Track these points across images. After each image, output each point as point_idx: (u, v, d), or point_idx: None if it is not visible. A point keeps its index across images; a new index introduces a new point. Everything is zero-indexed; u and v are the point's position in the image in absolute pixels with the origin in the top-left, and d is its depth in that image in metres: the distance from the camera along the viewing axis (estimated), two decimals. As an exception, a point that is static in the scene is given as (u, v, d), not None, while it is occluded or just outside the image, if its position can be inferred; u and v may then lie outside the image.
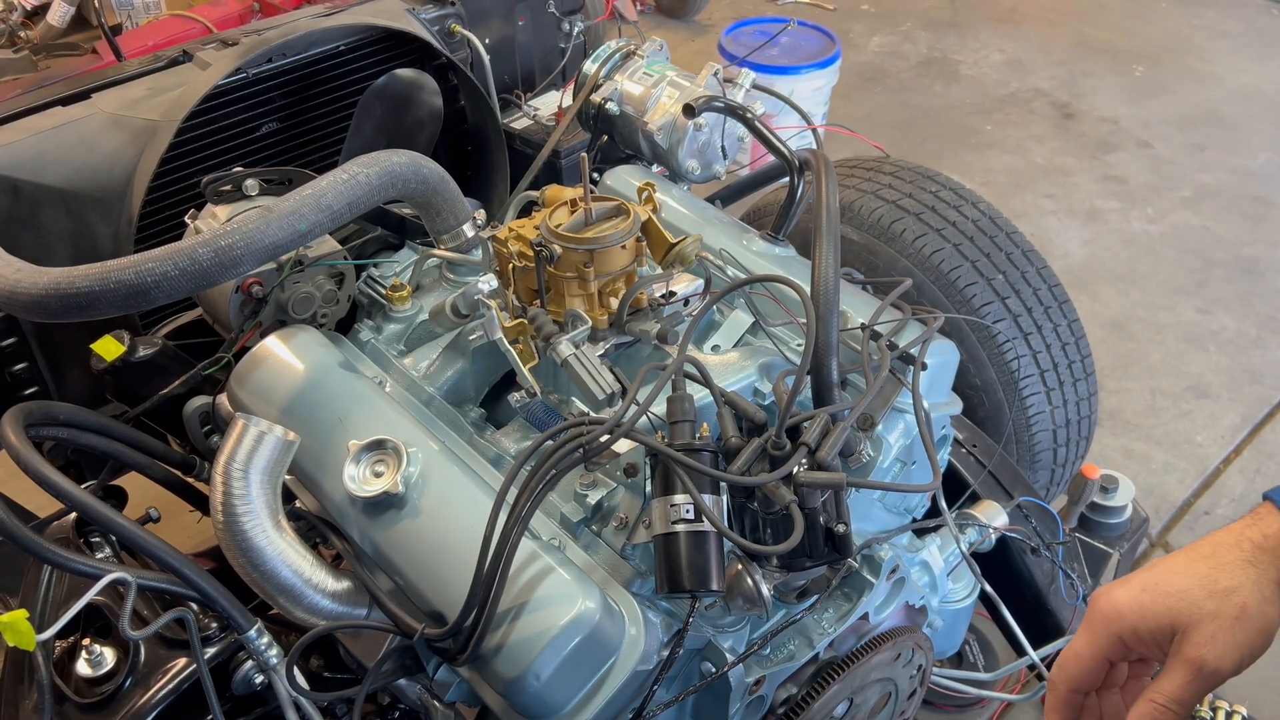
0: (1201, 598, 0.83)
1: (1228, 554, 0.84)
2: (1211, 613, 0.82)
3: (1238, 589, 0.82)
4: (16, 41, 3.39)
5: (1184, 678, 0.83)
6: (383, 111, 1.98)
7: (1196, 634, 0.82)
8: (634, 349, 1.49)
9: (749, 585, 1.22)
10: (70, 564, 1.20)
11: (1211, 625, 0.82)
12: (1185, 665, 0.83)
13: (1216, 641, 0.82)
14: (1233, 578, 0.83)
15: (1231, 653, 0.82)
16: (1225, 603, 0.82)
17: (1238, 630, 0.82)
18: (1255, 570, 0.83)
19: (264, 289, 1.56)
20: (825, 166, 1.53)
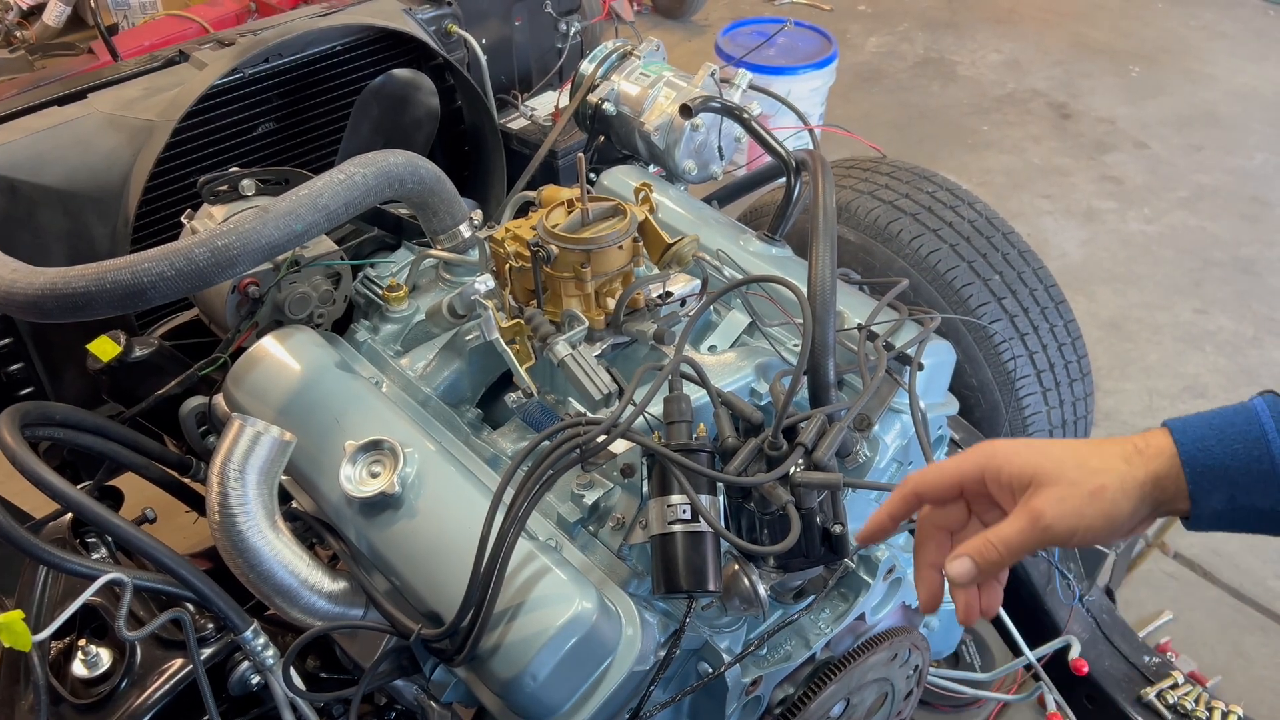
0: (1070, 467, 0.88)
1: (1110, 447, 0.89)
2: (1071, 480, 0.87)
3: (1104, 472, 0.87)
4: (12, 41, 3.40)
5: (1020, 524, 0.88)
6: (380, 112, 1.98)
7: (1048, 491, 0.88)
8: (631, 349, 1.49)
9: (746, 585, 1.22)
10: (66, 564, 1.20)
11: (1065, 489, 0.87)
12: (1026, 513, 0.88)
13: (1063, 504, 0.87)
14: (1104, 462, 0.88)
15: (1071, 519, 0.87)
16: (1087, 478, 0.87)
17: (1086, 503, 0.87)
18: (1125, 466, 0.88)
19: (260, 289, 1.56)
20: (822, 167, 1.53)
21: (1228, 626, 2.53)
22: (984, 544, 0.90)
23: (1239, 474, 0.86)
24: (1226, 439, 0.86)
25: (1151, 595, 2.60)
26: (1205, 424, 0.88)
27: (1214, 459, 0.86)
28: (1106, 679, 1.73)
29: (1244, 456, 0.85)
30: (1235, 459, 0.85)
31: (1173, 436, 0.88)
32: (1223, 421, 0.87)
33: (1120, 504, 0.87)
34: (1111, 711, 1.71)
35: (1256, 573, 2.66)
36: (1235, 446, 0.86)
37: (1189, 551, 2.72)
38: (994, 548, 0.90)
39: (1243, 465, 0.85)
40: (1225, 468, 0.86)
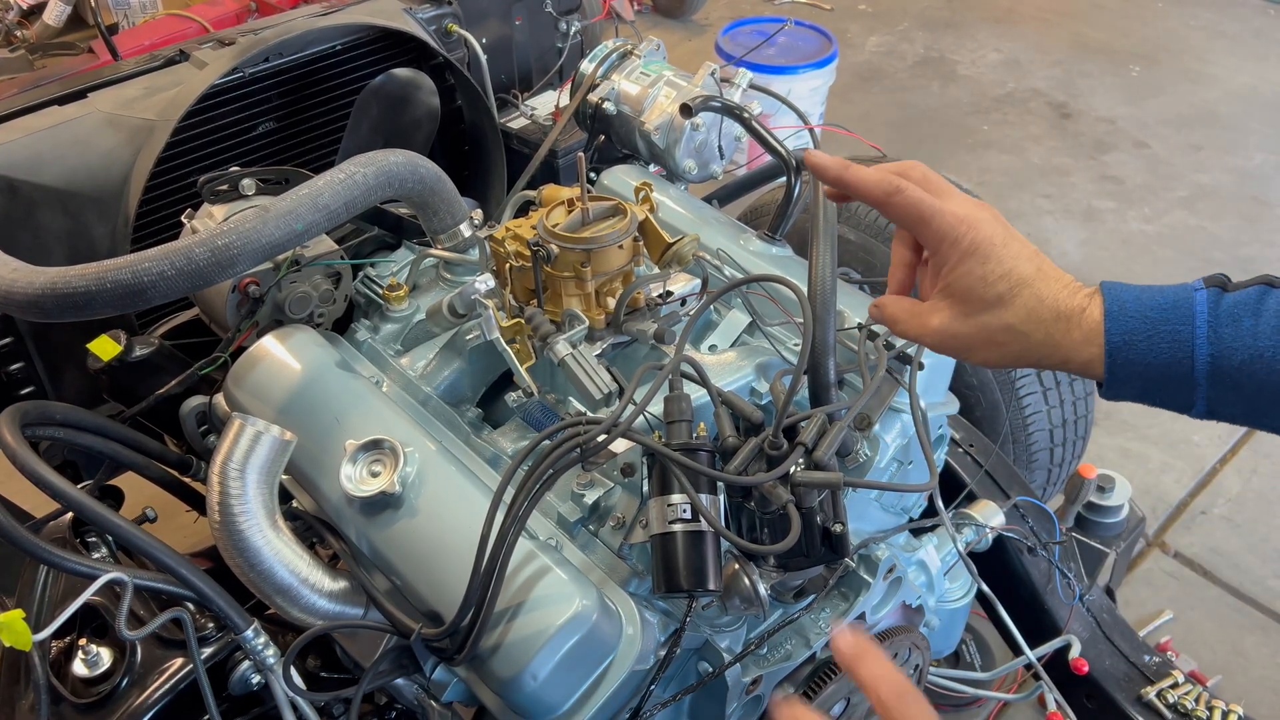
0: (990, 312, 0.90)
1: (1043, 310, 0.88)
2: (981, 324, 0.90)
3: (1015, 333, 0.89)
4: (13, 41, 3.40)
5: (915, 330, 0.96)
6: (380, 111, 1.98)
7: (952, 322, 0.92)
8: (631, 349, 1.49)
9: (746, 585, 1.22)
10: (66, 564, 1.20)
11: (968, 330, 0.91)
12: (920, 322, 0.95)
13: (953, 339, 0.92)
14: (1024, 324, 0.88)
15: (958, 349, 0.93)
16: (996, 334, 0.90)
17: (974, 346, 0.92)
18: (1040, 334, 0.88)
19: (261, 289, 1.56)
20: (822, 166, 1.53)
21: (1228, 626, 2.53)
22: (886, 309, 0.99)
23: (1156, 373, 0.84)
24: (1155, 337, 0.84)
25: (1151, 595, 2.61)
26: (1141, 312, 0.85)
27: (1137, 354, 0.84)
28: (1107, 678, 1.73)
29: (1166, 357, 0.83)
30: (1158, 358, 0.84)
31: (1105, 321, 0.86)
32: (1158, 313, 0.84)
33: (1005, 360, 0.90)
34: (1112, 711, 1.71)
35: (1256, 572, 2.66)
36: (1161, 345, 0.83)
37: (1189, 551, 2.72)
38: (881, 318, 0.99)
39: (1163, 366, 0.84)
40: (1145, 365, 0.84)
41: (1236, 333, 0.80)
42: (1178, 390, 0.84)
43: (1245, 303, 0.81)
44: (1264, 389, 0.81)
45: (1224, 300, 0.83)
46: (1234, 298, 0.83)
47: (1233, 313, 0.81)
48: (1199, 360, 0.82)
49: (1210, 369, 0.82)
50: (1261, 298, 0.82)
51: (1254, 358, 0.80)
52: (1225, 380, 0.82)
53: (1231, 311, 0.81)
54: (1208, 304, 0.83)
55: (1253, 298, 0.82)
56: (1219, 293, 0.83)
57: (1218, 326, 0.81)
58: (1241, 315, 0.81)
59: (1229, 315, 0.81)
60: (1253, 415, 0.84)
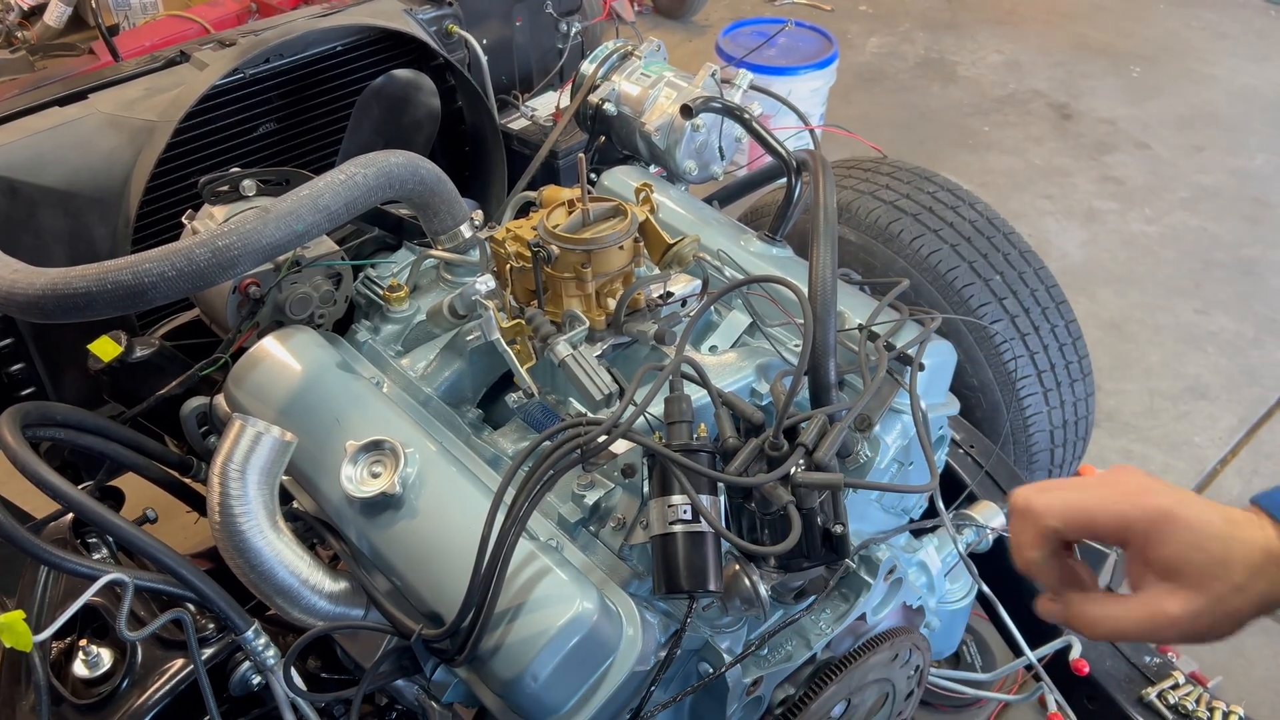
0: (1220, 577, 0.83)
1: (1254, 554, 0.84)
2: (1216, 594, 0.84)
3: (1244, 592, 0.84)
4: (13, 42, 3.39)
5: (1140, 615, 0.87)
6: (380, 112, 1.98)
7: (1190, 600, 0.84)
8: (632, 349, 1.49)
9: (747, 586, 1.22)
10: (67, 565, 1.20)
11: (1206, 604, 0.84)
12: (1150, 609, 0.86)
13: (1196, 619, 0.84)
14: (1247, 578, 0.83)
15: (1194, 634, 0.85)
16: (1230, 596, 0.84)
17: (1216, 622, 0.84)
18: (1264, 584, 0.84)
19: (261, 289, 1.56)
20: (823, 167, 1.53)
21: (1229, 627, 2.53)
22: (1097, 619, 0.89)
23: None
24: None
25: (1152, 596, 2.60)
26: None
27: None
28: (1107, 679, 1.72)
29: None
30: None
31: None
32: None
33: (1243, 623, 0.84)
34: (1112, 712, 1.71)
35: (1257, 573, 2.66)
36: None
37: (1190, 552, 2.72)
38: (1103, 626, 0.89)
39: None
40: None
41: None
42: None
43: None
44: None
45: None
46: None
47: None
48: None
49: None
50: None
51: None
52: None
53: None
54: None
55: None
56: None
57: None
58: None
59: None
60: None
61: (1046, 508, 0.90)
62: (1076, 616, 0.90)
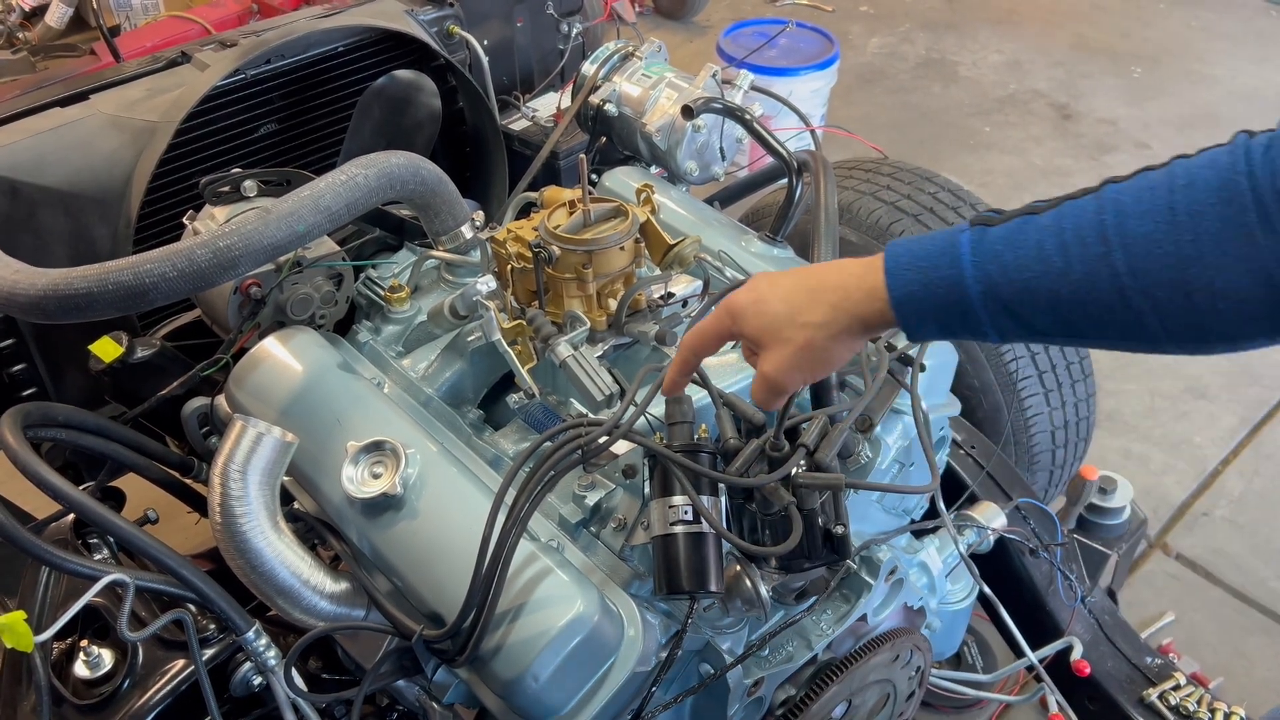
0: (783, 324, 0.99)
1: (826, 295, 0.97)
2: (785, 339, 0.99)
3: (813, 325, 0.98)
4: (15, 43, 3.39)
5: (759, 384, 1.04)
6: (381, 113, 1.98)
7: (768, 354, 1.01)
8: (632, 350, 1.49)
9: (747, 586, 1.22)
10: (68, 565, 1.20)
11: (781, 350, 1.00)
12: (759, 377, 1.03)
13: (782, 362, 1.00)
14: (814, 315, 0.98)
15: (791, 372, 1.00)
16: (798, 333, 0.98)
17: (801, 357, 0.99)
18: (833, 314, 0.97)
19: (262, 290, 1.56)
20: (824, 168, 1.53)
21: (1230, 628, 2.53)
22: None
23: (943, 314, 0.91)
24: (931, 284, 0.91)
25: (1153, 596, 2.60)
26: (915, 263, 0.92)
27: (920, 304, 0.92)
28: (1108, 680, 1.73)
29: (945, 299, 0.90)
30: (938, 300, 0.91)
31: (886, 280, 0.93)
32: (929, 261, 0.91)
33: (831, 349, 0.98)
34: (1113, 713, 1.71)
35: (1259, 574, 2.66)
36: (939, 291, 0.90)
37: (1191, 553, 2.72)
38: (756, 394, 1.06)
39: (944, 306, 0.91)
40: (932, 309, 0.91)
41: (1000, 267, 0.87)
42: (965, 324, 0.91)
43: (1005, 237, 0.88)
44: (1037, 315, 0.88)
45: (987, 237, 0.89)
46: (997, 233, 0.89)
47: (994, 249, 0.88)
48: (974, 297, 0.89)
49: (985, 302, 0.89)
50: (1020, 230, 0.88)
51: (1020, 289, 0.87)
52: (1002, 310, 0.89)
53: (993, 248, 0.88)
54: (970, 244, 0.89)
55: (1012, 231, 0.88)
56: (984, 230, 0.90)
57: (982, 264, 0.88)
58: (1002, 250, 0.87)
59: (991, 252, 0.88)
60: (1039, 336, 0.92)
61: (684, 340, 1.10)
62: None
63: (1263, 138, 0.82)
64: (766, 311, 1.01)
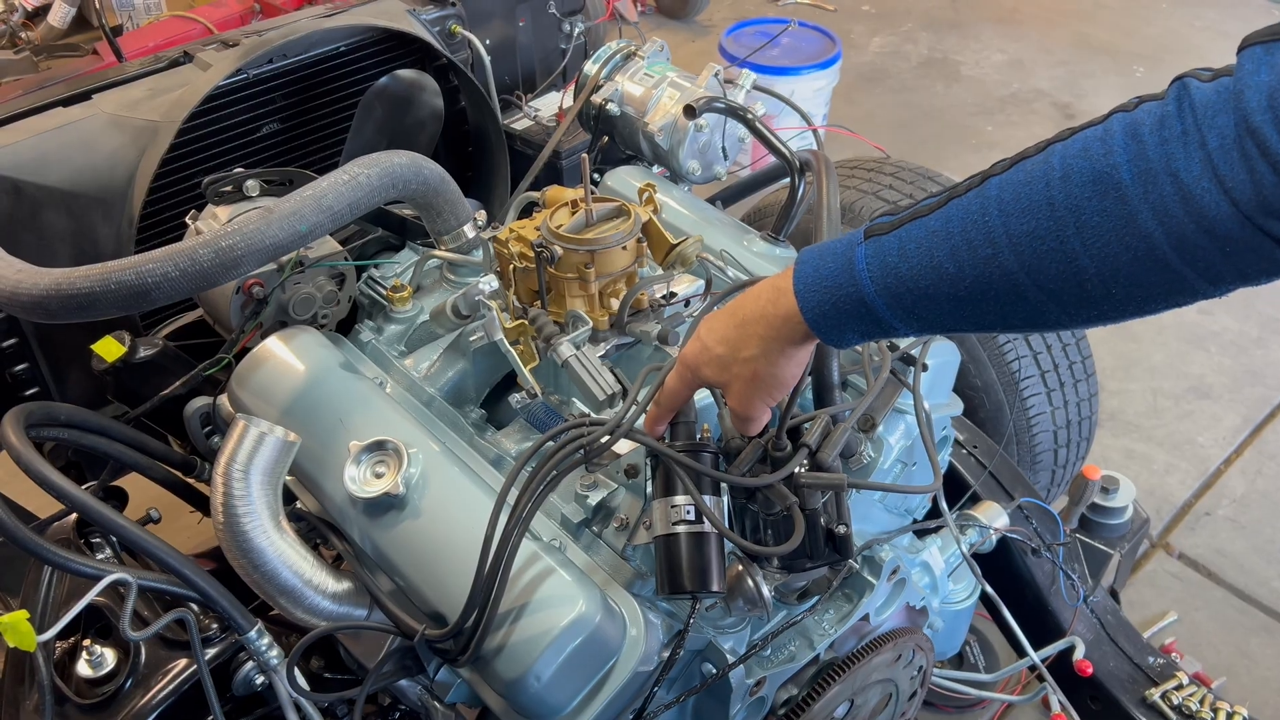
0: (729, 363, 1.06)
1: (752, 328, 1.02)
2: (735, 375, 1.06)
3: (751, 359, 1.03)
4: (17, 42, 3.39)
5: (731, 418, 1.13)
6: (383, 112, 1.99)
7: (728, 393, 1.09)
8: (635, 350, 1.49)
9: (750, 586, 1.22)
10: (71, 565, 1.20)
11: (736, 386, 1.07)
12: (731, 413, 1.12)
13: (740, 398, 1.08)
14: (749, 349, 1.03)
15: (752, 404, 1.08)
16: (744, 369, 1.05)
17: (752, 388, 1.06)
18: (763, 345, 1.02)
19: (265, 290, 1.56)
20: (826, 167, 1.53)
21: (1232, 627, 2.53)
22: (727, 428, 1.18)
23: (858, 324, 0.95)
24: (839, 301, 0.94)
25: (1156, 596, 2.60)
26: (820, 283, 0.95)
27: (833, 320, 0.96)
28: (1111, 680, 1.72)
29: (853, 313, 0.94)
30: (848, 314, 0.95)
31: (797, 303, 0.97)
32: (832, 280, 0.94)
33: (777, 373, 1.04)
34: (1116, 712, 1.71)
35: (1261, 573, 2.66)
36: (846, 306, 0.94)
37: (1193, 552, 2.72)
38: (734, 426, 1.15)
39: (855, 318, 0.95)
40: (846, 322, 0.96)
41: (897, 279, 0.90)
42: (881, 330, 0.95)
43: (897, 248, 0.91)
44: (941, 316, 0.91)
45: (881, 248, 0.92)
46: (889, 243, 0.91)
47: (887, 261, 0.91)
48: (879, 308, 0.92)
49: (891, 311, 0.92)
50: (910, 236, 0.90)
51: (920, 296, 0.90)
52: (908, 315, 0.93)
53: (886, 260, 0.91)
54: (865, 259, 0.92)
55: (903, 240, 0.91)
56: (877, 241, 0.92)
57: (878, 278, 0.91)
58: (896, 262, 0.90)
59: (885, 265, 0.91)
60: (951, 330, 0.96)
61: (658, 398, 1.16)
62: None
63: (1127, 120, 0.81)
64: (712, 358, 1.07)
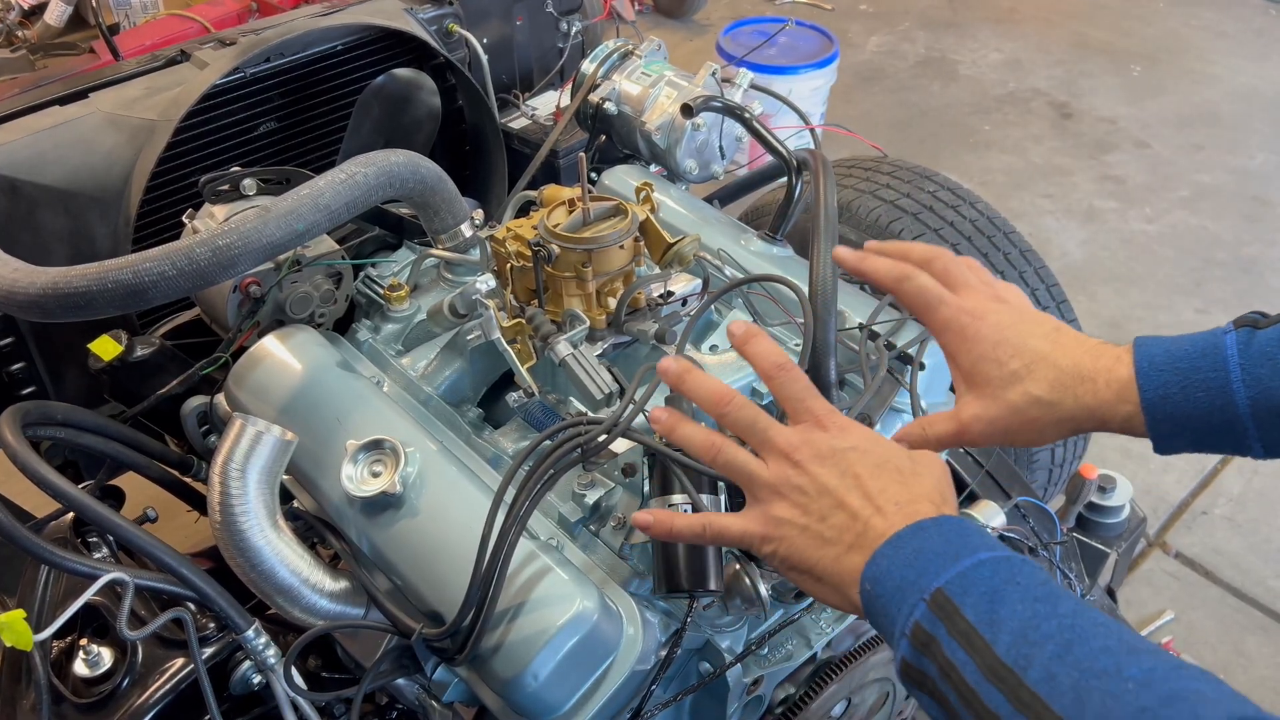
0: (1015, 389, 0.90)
1: (1067, 376, 0.89)
2: (1009, 403, 0.91)
3: (1043, 404, 0.89)
4: (14, 41, 3.39)
5: (947, 429, 0.97)
6: (381, 111, 1.98)
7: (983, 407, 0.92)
8: (632, 349, 1.49)
9: (747, 585, 1.22)
10: (68, 564, 1.20)
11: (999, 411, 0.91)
12: (955, 421, 0.96)
13: (992, 425, 0.92)
14: (1051, 393, 0.89)
15: (995, 438, 0.94)
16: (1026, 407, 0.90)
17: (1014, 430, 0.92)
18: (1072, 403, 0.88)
19: (262, 289, 1.56)
20: (823, 166, 1.53)
21: (1229, 626, 2.53)
22: (915, 429, 1.00)
23: (1200, 423, 0.83)
24: (1190, 387, 0.82)
25: (1153, 595, 2.61)
26: (1172, 364, 0.84)
27: (1176, 408, 0.83)
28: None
29: (1206, 405, 0.82)
30: (1197, 408, 0.82)
31: (1137, 379, 0.84)
32: (1189, 363, 0.83)
33: (1047, 435, 0.90)
34: (1113, 711, 1.71)
35: (1258, 572, 2.66)
36: (1198, 395, 0.82)
37: (1190, 551, 2.72)
38: (921, 438, 0.99)
39: (1204, 415, 0.82)
40: (1187, 416, 0.83)
41: (1273, 371, 0.79)
42: (1227, 436, 0.82)
43: (1277, 339, 0.80)
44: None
45: (1256, 340, 0.81)
46: (1267, 335, 0.80)
47: (1265, 351, 0.79)
48: (1240, 404, 0.80)
49: (1253, 411, 0.80)
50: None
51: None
52: (1272, 420, 0.80)
53: (1264, 350, 0.80)
54: (1238, 346, 0.81)
55: None
56: (1250, 332, 0.81)
57: (1251, 368, 0.79)
58: (1276, 353, 0.79)
59: (1262, 355, 0.79)
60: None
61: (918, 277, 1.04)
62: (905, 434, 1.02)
63: None
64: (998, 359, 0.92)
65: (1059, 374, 0.89)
